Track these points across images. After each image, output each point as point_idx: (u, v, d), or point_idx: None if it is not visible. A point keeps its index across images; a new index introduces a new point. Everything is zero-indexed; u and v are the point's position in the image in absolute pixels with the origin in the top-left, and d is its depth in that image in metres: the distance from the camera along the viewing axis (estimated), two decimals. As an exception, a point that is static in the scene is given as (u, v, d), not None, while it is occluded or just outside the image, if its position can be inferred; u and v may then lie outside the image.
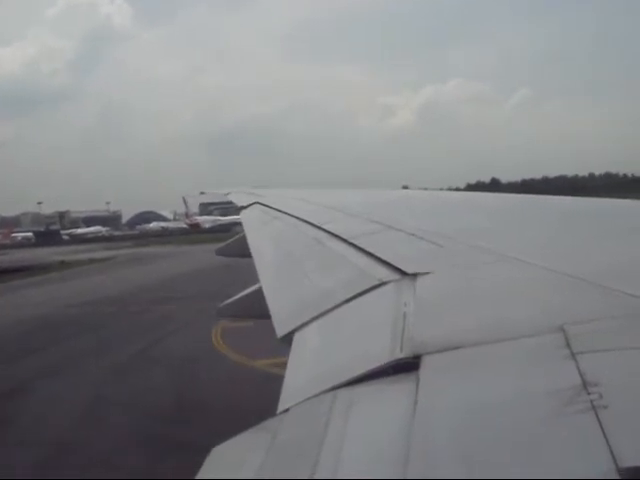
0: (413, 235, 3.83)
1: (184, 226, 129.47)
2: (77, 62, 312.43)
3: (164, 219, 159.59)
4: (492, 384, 1.74)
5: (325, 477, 1.49)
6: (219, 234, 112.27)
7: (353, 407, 1.83)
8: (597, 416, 1.37)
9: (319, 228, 5.05)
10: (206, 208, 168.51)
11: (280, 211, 7.19)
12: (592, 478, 1.21)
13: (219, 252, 9.27)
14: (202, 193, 17.09)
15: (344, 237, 4.28)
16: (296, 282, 3.85)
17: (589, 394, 1.47)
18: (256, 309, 4.12)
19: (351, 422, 1.74)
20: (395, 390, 1.85)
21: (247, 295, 5.32)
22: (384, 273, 3.04)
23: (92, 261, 70.49)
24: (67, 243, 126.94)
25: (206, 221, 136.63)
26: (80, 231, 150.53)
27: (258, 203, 8.81)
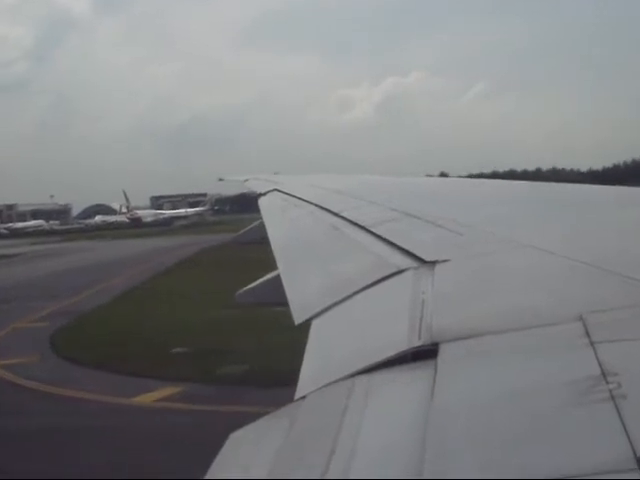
0: (432, 223, 3.82)
1: (126, 220, 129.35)
2: (30, 53, 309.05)
3: (115, 212, 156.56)
4: (510, 373, 1.74)
5: (342, 464, 1.50)
6: (157, 228, 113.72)
7: (371, 394, 1.83)
8: (616, 405, 1.37)
9: (337, 215, 5.05)
10: (157, 201, 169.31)
11: (298, 198, 7.19)
12: (610, 468, 1.21)
13: (237, 239, 9.32)
14: (220, 180, 17.15)
15: (362, 224, 4.27)
16: (314, 269, 3.85)
17: (608, 383, 1.46)
18: (274, 296, 4.14)
19: (368, 409, 1.75)
20: (413, 377, 1.85)
21: (265, 282, 5.32)
22: (402, 261, 3.04)
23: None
24: (5, 237, 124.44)
25: (147, 215, 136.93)
26: (20, 225, 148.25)
27: (277, 190, 8.82)
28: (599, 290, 2.18)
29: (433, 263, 2.82)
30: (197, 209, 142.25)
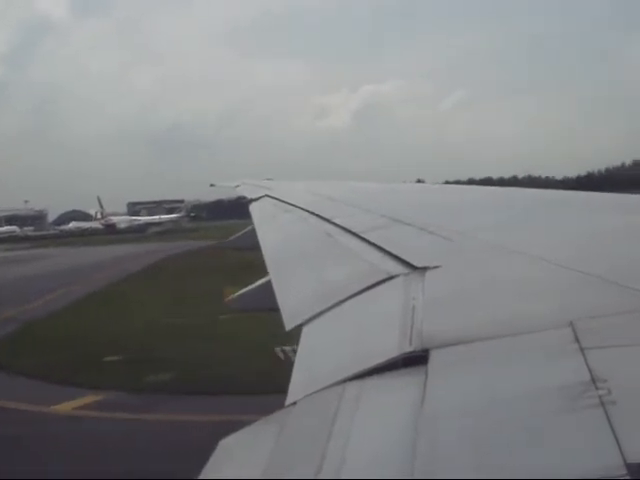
0: (423, 229, 3.82)
1: (100, 226, 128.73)
2: (7, 56, 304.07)
3: (91, 218, 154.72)
4: (500, 379, 1.74)
5: (333, 469, 1.50)
6: (131, 234, 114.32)
7: (361, 400, 1.83)
8: (606, 412, 1.37)
9: (329, 221, 5.05)
10: (134, 207, 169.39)
11: (290, 204, 7.19)
12: (600, 474, 1.21)
13: (229, 244, 9.32)
14: (212, 185, 17.15)
15: (354, 231, 4.27)
16: (305, 275, 3.85)
17: (598, 389, 1.46)
18: (265, 302, 4.13)
19: (359, 415, 1.74)
20: (404, 383, 1.85)
21: (256, 288, 5.32)
22: (393, 267, 3.04)
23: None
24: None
25: (122, 221, 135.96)
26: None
27: (268, 196, 8.82)
28: (589, 296, 2.19)
29: (424, 269, 2.83)
30: (172, 216, 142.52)
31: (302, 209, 6.36)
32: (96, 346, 23.38)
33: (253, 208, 8.51)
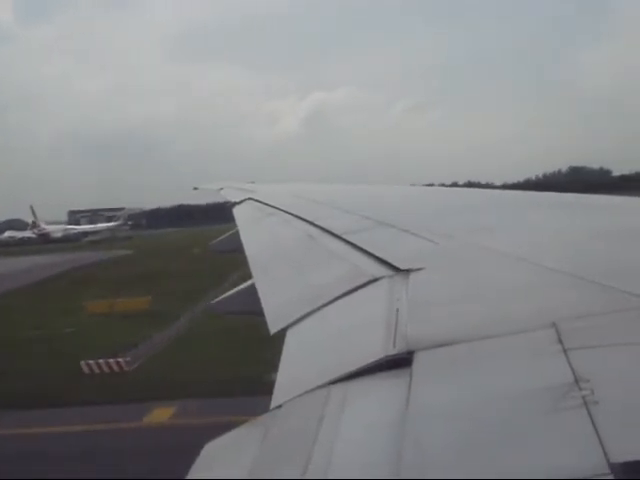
0: (406, 231, 3.83)
1: (33, 236, 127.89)
2: None
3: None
4: (484, 380, 1.74)
5: (318, 472, 1.49)
6: (63, 243, 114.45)
7: (347, 403, 1.83)
8: (589, 412, 1.38)
9: (312, 224, 5.05)
10: (74, 216, 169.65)
11: (273, 207, 7.19)
12: (584, 474, 1.22)
13: (213, 247, 9.30)
14: (195, 189, 17.06)
15: (337, 233, 4.28)
16: (289, 278, 3.85)
17: (581, 390, 1.47)
18: (249, 305, 4.12)
19: (344, 418, 1.74)
20: (388, 386, 1.85)
21: (240, 291, 5.29)
22: (377, 269, 3.04)
23: None
24: None
25: (57, 230, 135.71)
26: None
27: (251, 199, 8.81)
28: (572, 298, 2.20)
29: (407, 271, 2.83)
30: (109, 224, 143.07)
31: (286, 212, 6.36)
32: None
33: (236, 211, 8.49)
